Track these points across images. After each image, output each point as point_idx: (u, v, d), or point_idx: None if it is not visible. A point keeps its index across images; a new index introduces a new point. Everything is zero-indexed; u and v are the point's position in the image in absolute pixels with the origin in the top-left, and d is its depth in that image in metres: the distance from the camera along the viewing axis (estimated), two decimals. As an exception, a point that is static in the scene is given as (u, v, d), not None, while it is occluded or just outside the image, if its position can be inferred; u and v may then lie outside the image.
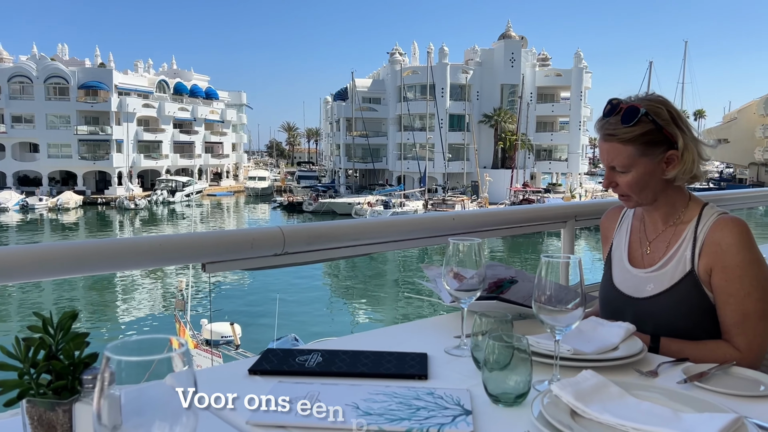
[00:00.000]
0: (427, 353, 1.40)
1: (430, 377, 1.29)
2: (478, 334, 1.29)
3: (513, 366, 1.13)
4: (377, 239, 2.00)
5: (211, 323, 13.49)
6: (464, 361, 1.37)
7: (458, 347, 1.45)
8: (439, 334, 1.56)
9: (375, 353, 1.40)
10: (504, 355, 1.14)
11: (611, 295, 1.73)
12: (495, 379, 1.14)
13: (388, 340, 1.57)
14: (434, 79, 50.36)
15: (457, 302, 1.45)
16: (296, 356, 1.38)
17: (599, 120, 1.64)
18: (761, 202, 4.32)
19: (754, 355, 1.51)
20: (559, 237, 2.61)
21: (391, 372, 1.30)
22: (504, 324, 1.28)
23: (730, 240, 1.54)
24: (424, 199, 43.30)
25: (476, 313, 1.32)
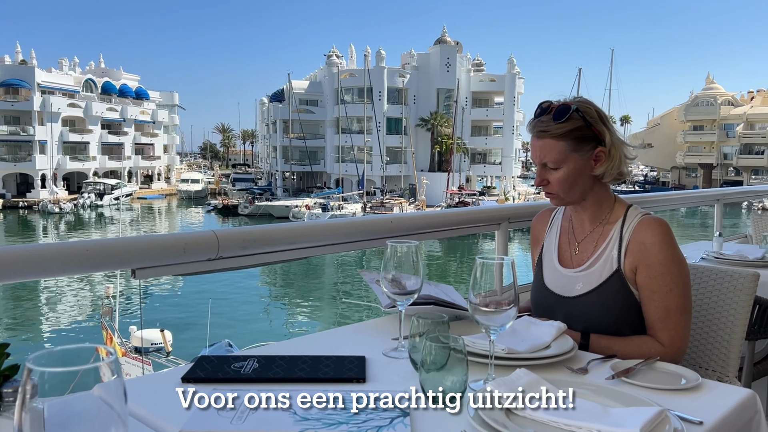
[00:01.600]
0: (365, 356, 1.40)
1: (368, 380, 1.29)
2: (416, 336, 1.30)
3: (450, 366, 1.15)
4: (315, 242, 1.98)
5: (141, 330, 13.02)
6: (402, 363, 1.37)
7: (396, 349, 1.45)
8: (377, 337, 1.56)
9: (312, 358, 1.38)
10: (441, 355, 1.15)
11: (543, 295, 1.78)
12: (432, 380, 1.15)
13: (326, 344, 1.57)
14: (372, 83, 50.53)
15: (395, 305, 1.46)
16: (231, 363, 1.35)
17: (531, 120, 1.68)
18: (682, 203, 4.55)
19: (676, 348, 1.58)
20: (494, 238, 2.67)
21: (329, 376, 1.29)
22: (441, 325, 1.29)
23: (654, 239, 1.61)
24: (362, 201, 43.33)
25: (414, 315, 1.33)
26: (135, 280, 2.48)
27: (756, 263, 2.73)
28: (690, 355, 1.83)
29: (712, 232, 3.54)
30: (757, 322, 2.22)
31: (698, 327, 1.84)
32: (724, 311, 1.82)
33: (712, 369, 1.80)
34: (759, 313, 2.23)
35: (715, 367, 1.79)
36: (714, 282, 1.88)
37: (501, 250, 2.63)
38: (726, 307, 1.82)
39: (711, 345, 1.82)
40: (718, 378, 1.76)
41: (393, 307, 1.58)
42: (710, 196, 4.55)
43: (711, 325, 1.83)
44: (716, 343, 1.81)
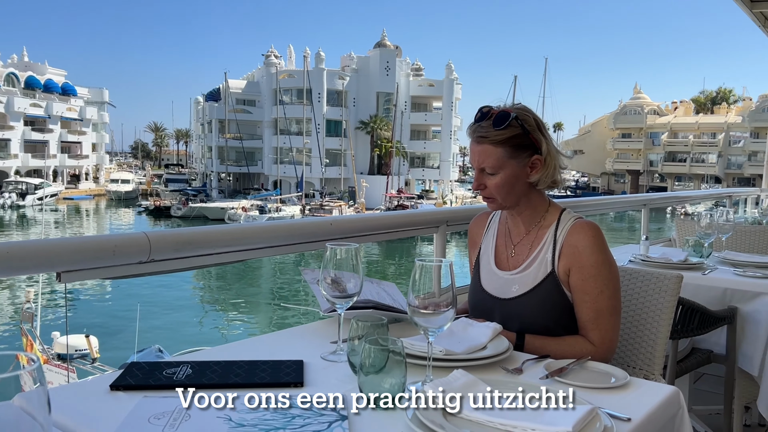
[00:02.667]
0: (303, 360, 1.38)
1: (306, 384, 1.27)
2: (355, 339, 1.29)
3: (388, 369, 1.15)
4: (252, 245, 1.94)
5: (65, 336, 12.44)
6: (341, 367, 1.36)
7: (335, 353, 1.44)
8: (316, 341, 1.55)
9: (249, 363, 1.35)
10: (380, 358, 1.15)
11: (480, 297, 1.81)
12: (371, 383, 1.14)
13: (263, 348, 1.54)
14: (311, 84, 50.24)
15: (334, 308, 1.45)
16: (163, 369, 1.31)
17: (471, 125, 1.71)
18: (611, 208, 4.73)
19: (606, 348, 1.64)
20: (432, 241, 2.69)
21: (266, 381, 1.26)
22: (380, 328, 1.29)
23: (586, 243, 1.66)
24: (301, 204, 42.97)
25: (353, 318, 1.32)
26: (60, 284, 2.37)
27: (679, 266, 2.86)
28: (619, 354, 1.90)
29: (639, 235, 3.70)
30: (680, 322, 2.33)
31: (626, 327, 1.91)
32: (651, 312, 1.89)
33: (639, 367, 1.87)
34: (682, 314, 2.34)
35: (642, 366, 1.86)
36: (641, 284, 1.95)
37: (439, 252, 2.65)
38: (652, 307, 1.90)
39: (638, 344, 1.89)
40: (644, 376, 1.84)
41: (332, 311, 1.57)
42: (637, 201, 4.75)
43: (638, 325, 1.90)
44: (643, 342, 1.88)
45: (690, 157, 62.43)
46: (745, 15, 5.80)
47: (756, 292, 2.63)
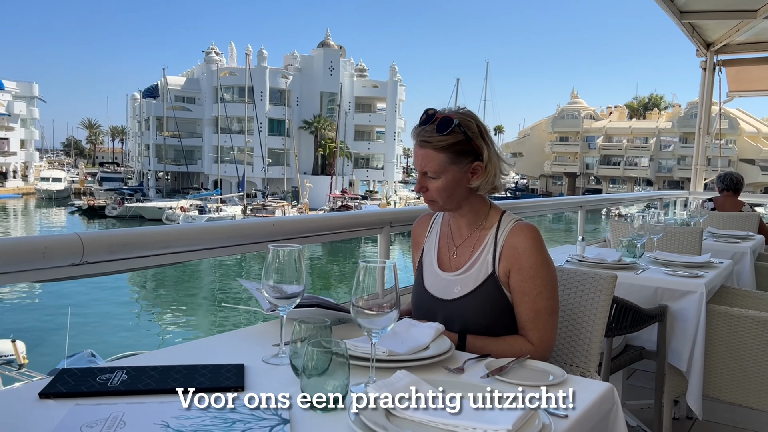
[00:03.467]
0: (244, 364, 1.36)
1: (247, 388, 1.25)
2: (297, 341, 1.28)
3: (331, 371, 1.14)
4: (191, 246, 1.90)
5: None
6: (283, 370, 1.34)
7: (277, 356, 1.42)
8: (257, 344, 1.52)
9: (187, 367, 1.32)
10: (322, 360, 1.14)
11: (423, 298, 1.82)
12: (313, 385, 1.13)
13: (202, 352, 1.50)
14: (253, 82, 49.51)
15: (276, 310, 1.43)
16: (97, 375, 1.26)
17: (416, 127, 1.72)
18: (549, 210, 4.86)
19: (545, 347, 1.68)
20: (376, 242, 2.70)
21: (206, 386, 1.23)
22: (323, 330, 1.28)
23: (525, 244, 1.70)
24: (242, 204, 42.25)
25: (296, 320, 1.31)
26: (-15, 288, 2.25)
27: (613, 266, 2.96)
28: (557, 352, 1.95)
29: (576, 236, 3.81)
30: (614, 320, 2.41)
31: (563, 326, 1.96)
32: (587, 310, 1.95)
33: (576, 365, 1.92)
34: (616, 312, 2.43)
35: (579, 363, 1.92)
36: (577, 283, 2.01)
37: (383, 253, 2.66)
38: (588, 306, 1.96)
39: (575, 342, 1.94)
40: (581, 373, 1.89)
41: (275, 311, 1.55)
42: (574, 203, 4.90)
43: (575, 323, 1.96)
44: (580, 340, 1.94)
45: (624, 160, 64.92)
46: (674, 25, 6.07)
47: (684, 291, 2.75)
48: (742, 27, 6.14)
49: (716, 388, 2.77)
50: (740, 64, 7.08)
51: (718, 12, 5.85)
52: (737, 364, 2.70)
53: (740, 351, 2.69)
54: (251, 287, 1.68)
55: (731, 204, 5.34)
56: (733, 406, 2.78)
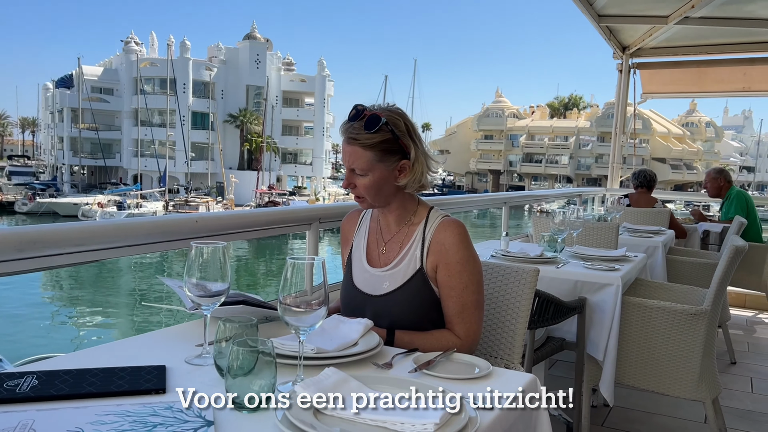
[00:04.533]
0: (166, 365, 1.31)
1: (169, 390, 1.20)
2: (222, 341, 1.25)
3: (257, 370, 1.11)
4: (109, 244, 1.81)
5: None
6: (207, 370, 1.30)
7: (200, 356, 1.38)
8: (180, 344, 1.47)
9: (105, 370, 1.26)
10: (248, 360, 1.11)
11: (352, 294, 1.82)
12: (239, 385, 1.11)
13: (121, 354, 1.43)
14: (175, 74, 47.94)
15: (200, 309, 1.38)
16: (4, 381, 1.18)
17: (344, 123, 1.71)
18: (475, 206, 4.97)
19: (471, 340, 1.71)
20: (304, 238, 2.67)
21: (124, 389, 1.18)
22: (249, 328, 1.25)
23: (452, 240, 1.72)
24: (164, 200, 40.83)
25: (220, 319, 1.27)
26: None
27: (536, 260, 3.06)
28: (482, 345, 1.99)
29: (500, 231, 3.91)
30: (536, 313, 2.49)
31: (488, 319, 2.00)
32: (510, 304, 2.00)
33: (500, 357, 1.97)
34: (538, 305, 2.50)
35: (503, 356, 1.97)
36: (501, 277, 2.06)
37: (312, 250, 2.63)
38: (512, 299, 2.00)
39: (499, 335, 1.99)
40: (505, 365, 1.94)
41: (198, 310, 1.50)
42: (499, 199, 5.02)
43: (499, 316, 2.01)
44: (504, 333, 1.98)
45: (545, 158, 67.32)
46: (593, 28, 6.32)
47: (602, 284, 2.87)
48: (654, 32, 6.47)
49: (630, 375, 2.91)
50: (653, 67, 7.47)
51: (633, 17, 6.13)
52: (649, 352, 2.85)
53: (652, 340, 2.84)
54: (173, 285, 1.62)
55: (645, 200, 5.62)
56: (646, 392, 2.93)
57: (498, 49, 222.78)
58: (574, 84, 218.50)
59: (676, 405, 3.46)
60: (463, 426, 1.06)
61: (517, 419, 1.26)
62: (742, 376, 4.15)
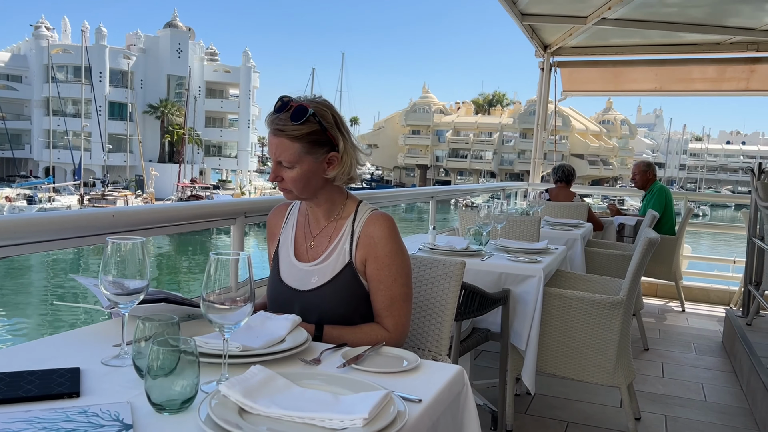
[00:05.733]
0: (80, 367, 1.24)
1: (83, 394, 1.14)
2: (141, 341, 1.19)
3: (179, 370, 1.07)
4: (16, 240, 1.70)
5: None
6: (125, 372, 1.24)
7: (118, 357, 1.31)
8: (96, 345, 1.40)
9: (12, 374, 1.18)
10: (170, 359, 1.07)
11: (279, 289, 1.78)
12: (159, 387, 1.06)
13: (31, 356, 1.34)
14: (90, 62, 45.68)
15: (117, 307, 1.32)
16: None
17: (270, 114, 1.68)
18: (403, 200, 5.00)
19: (399, 333, 1.71)
20: (229, 233, 2.60)
21: (34, 394, 1.10)
22: (170, 327, 1.20)
23: (381, 233, 1.72)
24: (79, 194, 38.87)
25: (139, 318, 1.21)
26: None
27: (462, 253, 3.11)
28: (410, 337, 2.00)
29: (428, 225, 3.95)
30: (463, 305, 2.53)
31: (416, 312, 2.02)
32: (438, 296, 2.02)
33: (428, 349, 1.99)
34: (464, 297, 2.54)
35: (431, 348, 1.99)
36: (429, 270, 2.08)
37: (237, 245, 2.57)
38: (439, 292, 2.03)
39: (427, 327, 2.01)
40: (433, 357, 1.96)
41: (115, 309, 1.43)
42: (426, 193, 5.07)
43: (427, 309, 2.02)
44: (431, 325, 2.00)
45: (470, 153, 68.81)
46: (516, 26, 6.49)
47: (525, 276, 2.96)
48: (574, 32, 6.71)
49: (552, 364, 3.01)
50: (573, 66, 7.76)
51: (554, 16, 6.34)
52: (569, 341, 2.96)
53: (572, 329, 2.95)
54: (88, 284, 1.54)
55: (564, 195, 5.83)
56: (566, 380, 3.04)
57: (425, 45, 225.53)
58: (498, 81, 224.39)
59: (594, 391, 3.61)
60: (391, 420, 1.06)
61: (444, 410, 1.27)
62: (654, 361, 4.38)
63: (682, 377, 4.07)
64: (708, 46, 6.86)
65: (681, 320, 5.71)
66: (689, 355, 4.60)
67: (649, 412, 3.42)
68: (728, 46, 6.79)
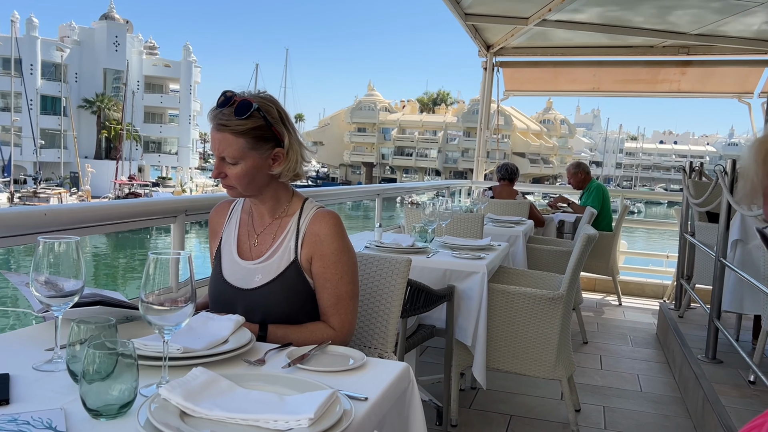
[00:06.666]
0: (9, 373, 1.18)
1: (13, 401, 1.08)
2: (76, 344, 1.14)
3: (117, 374, 1.03)
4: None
5: None
6: (58, 377, 1.19)
7: (51, 361, 1.26)
8: (27, 349, 1.33)
9: (-67, 383, 1.11)
10: (107, 363, 1.03)
11: (222, 289, 1.75)
12: (96, 392, 1.02)
13: (-47, 363, 1.27)
14: (21, 53, 43.63)
15: (50, 310, 1.26)
16: None
17: (213, 109, 1.64)
18: (349, 197, 4.99)
19: (346, 332, 1.70)
20: (170, 232, 2.53)
21: (-43, 403, 1.04)
22: (107, 329, 1.16)
23: (327, 231, 1.70)
24: (8, 191, 37.14)
25: (73, 321, 1.16)
26: None
27: (408, 250, 3.12)
28: (356, 335, 1.99)
29: (374, 223, 3.95)
30: (409, 302, 2.54)
31: (363, 309, 2.02)
32: (384, 293, 2.03)
33: (374, 347, 1.99)
34: (410, 294, 2.56)
35: (377, 345, 1.99)
36: (375, 268, 2.08)
37: (177, 244, 2.51)
38: (385, 289, 2.03)
39: (374, 325, 2.01)
40: (379, 355, 1.96)
41: (48, 312, 1.37)
42: (372, 191, 5.08)
43: (373, 306, 2.02)
44: (378, 322, 2.00)
45: (416, 152, 69.34)
46: (460, 26, 6.57)
47: (469, 272, 2.99)
48: (516, 32, 6.84)
49: (496, 359, 3.07)
50: (515, 66, 7.91)
51: (496, 17, 6.44)
52: (513, 336, 3.02)
53: (515, 324, 3.01)
54: (18, 282, 1.46)
55: (507, 192, 5.95)
56: (509, 374, 3.10)
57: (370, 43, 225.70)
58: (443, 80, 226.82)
59: (536, 384, 3.70)
60: (338, 419, 1.05)
61: (391, 408, 1.27)
62: (592, 354, 4.52)
63: (619, 369, 4.22)
64: (643, 48, 7.13)
65: (618, 314, 5.92)
66: (626, 347, 4.77)
67: (589, 403, 3.53)
68: (661, 49, 7.07)
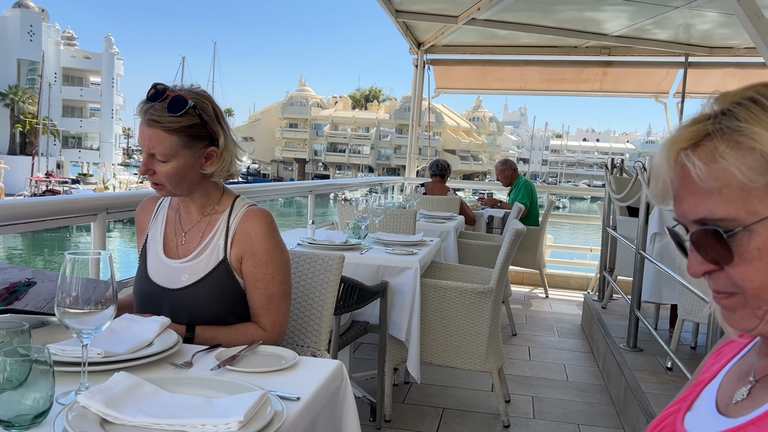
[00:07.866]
0: None
1: None
2: (-16, 351, 1.06)
3: (30, 382, 0.97)
4: None
5: None
6: (-36, 388, 1.11)
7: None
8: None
9: None
10: (19, 371, 0.97)
11: (147, 288, 1.68)
12: (7, 401, 0.96)
13: None
14: (-76, 41, 40.77)
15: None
16: None
17: (143, 103, 1.57)
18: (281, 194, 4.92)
19: (277, 332, 1.67)
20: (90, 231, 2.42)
21: None
22: (20, 335, 1.09)
23: (258, 229, 1.66)
24: None
25: (-20, 327, 1.08)
26: None
27: (341, 247, 3.10)
28: (289, 334, 1.96)
29: (307, 219, 3.91)
30: (342, 299, 2.53)
31: (295, 307, 1.98)
32: (317, 291, 2.00)
33: (307, 345, 1.96)
34: (343, 291, 2.54)
35: (310, 344, 1.96)
36: (308, 265, 2.05)
37: (98, 243, 2.39)
38: (318, 287, 2.01)
39: (306, 323, 1.98)
40: (312, 353, 1.93)
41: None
42: (305, 188, 5.02)
43: (306, 304, 2.00)
44: (311, 321, 1.98)
45: (348, 148, 69.24)
46: (391, 22, 6.59)
47: (402, 268, 3.01)
48: (445, 30, 6.92)
49: (430, 353, 3.10)
50: (445, 64, 8.02)
51: (426, 15, 6.49)
52: (446, 330, 3.06)
53: (447, 318, 3.05)
54: None
55: (439, 189, 6.02)
56: (442, 367, 3.14)
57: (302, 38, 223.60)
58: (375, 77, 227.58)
59: (468, 377, 3.76)
60: (269, 421, 1.02)
61: (323, 406, 1.26)
62: (521, 346, 4.65)
63: (546, 360, 4.35)
64: (567, 48, 7.37)
65: (545, 306, 6.11)
66: (552, 338, 4.92)
67: (518, 394, 3.62)
68: (584, 49, 7.33)
